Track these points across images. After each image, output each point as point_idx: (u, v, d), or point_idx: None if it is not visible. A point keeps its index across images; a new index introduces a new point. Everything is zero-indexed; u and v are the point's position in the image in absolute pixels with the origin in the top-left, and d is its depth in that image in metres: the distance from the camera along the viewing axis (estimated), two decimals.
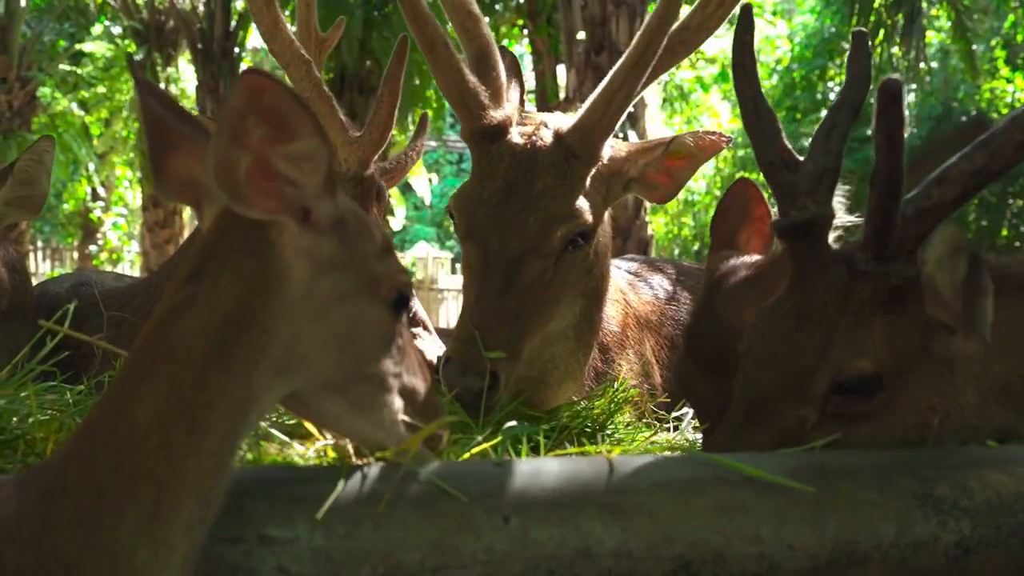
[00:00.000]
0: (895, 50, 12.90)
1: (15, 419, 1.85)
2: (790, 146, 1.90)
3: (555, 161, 2.28)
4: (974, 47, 13.93)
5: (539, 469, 1.48)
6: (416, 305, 2.94)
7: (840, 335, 1.70)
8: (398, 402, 1.46)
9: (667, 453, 1.56)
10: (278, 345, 1.30)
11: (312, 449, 1.65)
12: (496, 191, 2.25)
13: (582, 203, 2.30)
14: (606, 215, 2.52)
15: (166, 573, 1.21)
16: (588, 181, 2.35)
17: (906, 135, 1.71)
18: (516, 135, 2.32)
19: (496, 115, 2.30)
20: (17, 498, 1.19)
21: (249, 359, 1.28)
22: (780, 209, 1.85)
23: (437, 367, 2.22)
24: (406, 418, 1.47)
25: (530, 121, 2.39)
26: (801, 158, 1.88)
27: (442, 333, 3.04)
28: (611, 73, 2.33)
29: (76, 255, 21.59)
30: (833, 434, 1.66)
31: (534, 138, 2.31)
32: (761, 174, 1.92)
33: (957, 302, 1.63)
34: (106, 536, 1.18)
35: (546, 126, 2.37)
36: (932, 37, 16.87)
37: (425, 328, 2.90)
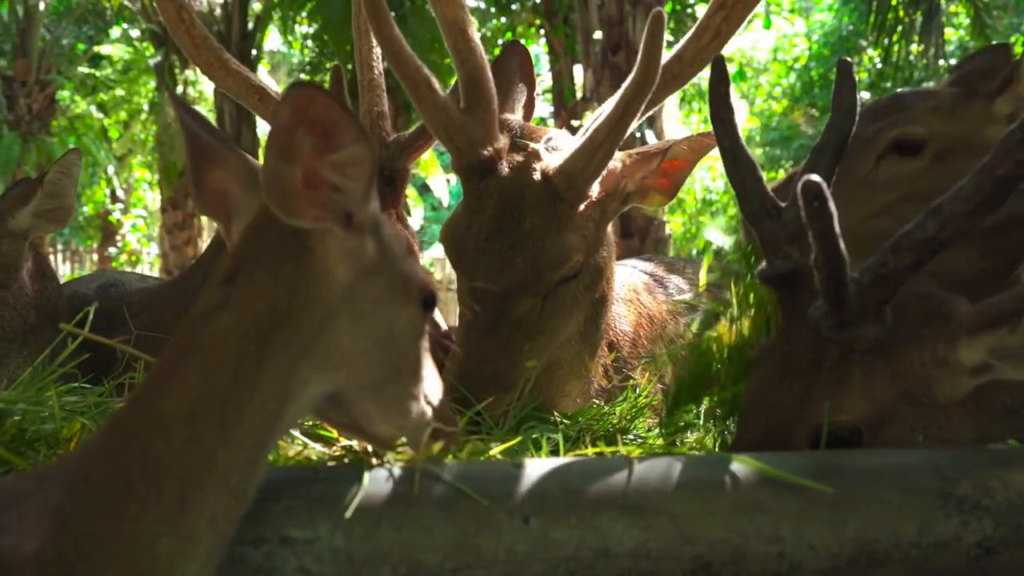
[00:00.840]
0: (913, 48, 12.83)
1: (38, 420, 1.86)
2: (771, 195, 1.89)
3: (542, 201, 2.27)
4: (993, 43, 13.86)
5: (559, 470, 1.48)
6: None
7: (817, 391, 1.71)
8: (425, 404, 1.48)
9: (687, 453, 1.55)
10: (319, 344, 1.32)
11: (332, 450, 1.66)
12: (484, 227, 2.25)
13: (572, 241, 2.30)
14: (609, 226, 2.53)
15: (190, 565, 1.22)
16: (578, 214, 2.34)
17: None
18: (505, 169, 2.30)
19: (484, 151, 2.28)
20: (39, 491, 1.20)
21: (287, 357, 1.29)
22: (766, 258, 1.86)
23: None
24: (436, 423, 1.50)
25: (522, 148, 2.38)
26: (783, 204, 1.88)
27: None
28: (594, 127, 2.33)
29: (96, 257, 21.72)
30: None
31: (522, 174, 2.30)
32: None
33: None
34: (128, 526, 1.18)
35: (538, 158, 2.35)
36: (951, 34, 16.79)
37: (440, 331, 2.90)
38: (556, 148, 2.40)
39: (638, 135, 10.30)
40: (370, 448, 1.57)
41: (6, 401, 1.85)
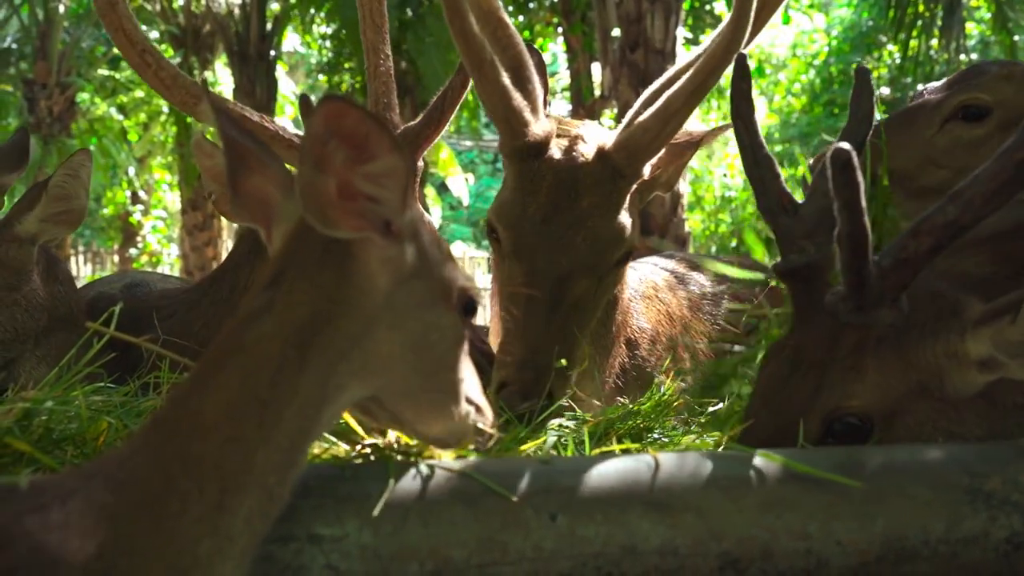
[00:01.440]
0: (933, 43, 12.76)
1: (64, 420, 1.87)
2: (789, 191, 1.91)
3: (600, 179, 2.26)
4: (1015, 38, 13.73)
5: (586, 466, 1.48)
6: None
7: (829, 379, 1.73)
8: (465, 406, 1.49)
9: (713, 450, 1.55)
10: (358, 350, 1.34)
11: (358, 448, 1.66)
12: (540, 208, 2.23)
13: (626, 220, 2.30)
14: None
15: (227, 563, 1.23)
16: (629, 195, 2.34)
17: None
18: (556, 151, 2.29)
19: (538, 131, 2.27)
20: (82, 490, 1.21)
21: (327, 362, 1.31)
22: (781, 253, 1.87)
23: (496, 389, 2.19)
24: (478, 422, 1.52)
25: (565, 133, 2.38)
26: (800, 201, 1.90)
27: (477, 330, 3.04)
28: (669, 95, 2.31)
29: (116, 258, 21.84)
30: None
31: (575, 154, 2.29)
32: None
33: None
34: (170, 524, 1.19)
35: (584, 140, 2.35)
36: (972, 29, 16.67)
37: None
38: (595, 135, 2.40)
39: None
40: (396, 445, 1.58)
41: (33, 401, 1.86)
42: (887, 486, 1.49)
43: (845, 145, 1.55)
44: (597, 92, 11.19)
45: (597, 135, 2.39)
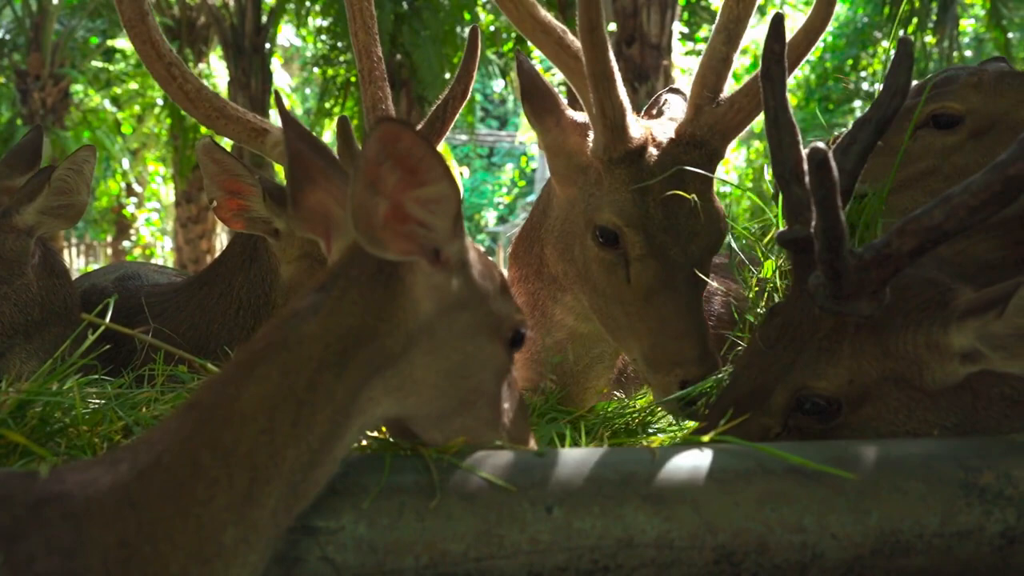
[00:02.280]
0: (928, 39, 12.77)
1: (58, 412, 1.87)
2: (805, 160, 1.90)
3: (699, 164, 2.26)
4: (1009, 35, 13.74)
5: (582, 460, 1.48)
6: None
7: (805, 357, 1.76)
8: (501, 436, 1.52)
9: (710, 444, 1.55)
10: (394, 369, 1.36)
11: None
12: (659, 205, 2.22)
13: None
14: None
15: (251, 556, 1.24)
16: None
17: None
18: (654, 148, 2.28)
19: (637, 133, 2.25)
20: (109, 475, 1.22)
21: (363, 373, 1.33)
22: (787, 222, 1.88)
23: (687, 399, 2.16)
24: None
25: (645, 122, 2.37)
26: None
27: None
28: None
29: (110, 251, 21.81)
30: None
31: (672, 145, 2.29)
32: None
33: None
34: (197, 511, 1.20)
35: (667, 127, 2.34)
36: (966, 25, 16.69)
37: None
38: (669, 121, 2.40)
39: None
40: (392, 438, 1.58)
41: (28, 392, 1.86)
42: (882, 480, 1.49)
43: (820, 145, 1.56)
44: None
45: (671, 121, 2.40)
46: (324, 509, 1.37)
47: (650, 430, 2.24)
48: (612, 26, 10.47)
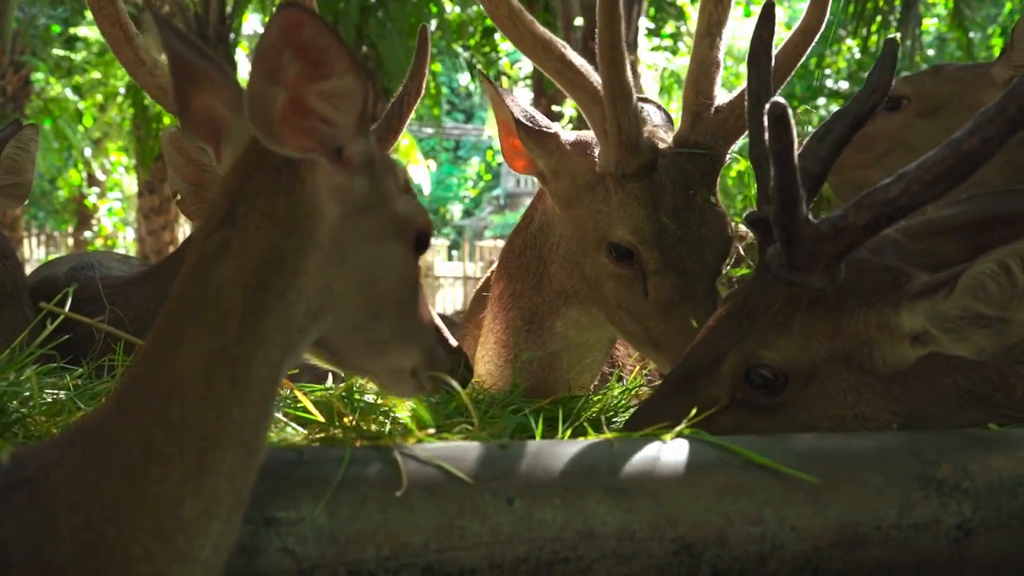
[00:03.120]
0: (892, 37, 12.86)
1: (15, 402, 1.85)
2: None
3: (705, 170, 2.27)
4: (971, 35, 13.90)
5: (543, 451, 1.49)
6: None
7: (758, 327, 1.78)
8: (413, 347, 1.46)
9: (670, 436, 1.56)
10: (312, 287, 1.29)
11: (316, 432, 1.65)
12: (671, 218, 2.20)
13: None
14: None
15: (213, 523, 1.22)
16: None
17: None
18: (661, 159, 2.26)
19: (647, 148, 2.22)
20: (65, 459, 1.20)
21: (285, 304, 1.27)
22: (758, 203, 1.90)
23: None
24: (419, 364, 1.47)
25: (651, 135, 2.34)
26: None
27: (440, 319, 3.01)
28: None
29: (71, 241, 21.55)
30: (740, 419, 1.77)
31: (677, 156, 2.27)
32: None
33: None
34: (154, 489, 1.19)
35: (666, 136, 2.34)
36: (929, 24, 16.86)
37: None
38: (665, 128, 2.41)
39: None
40: (354, 427, 1.58)
41: None
42: (841, 473, 1.51)
43: (780, 100, 1.58)
44: None
45: (667, 130, 2.40)
46: (284, 499, 1.36)
47: (614, 423, 2.25)
48: (579, 20, 10.49)
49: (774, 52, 2.12)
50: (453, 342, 1.62)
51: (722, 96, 2.37)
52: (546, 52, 2.24)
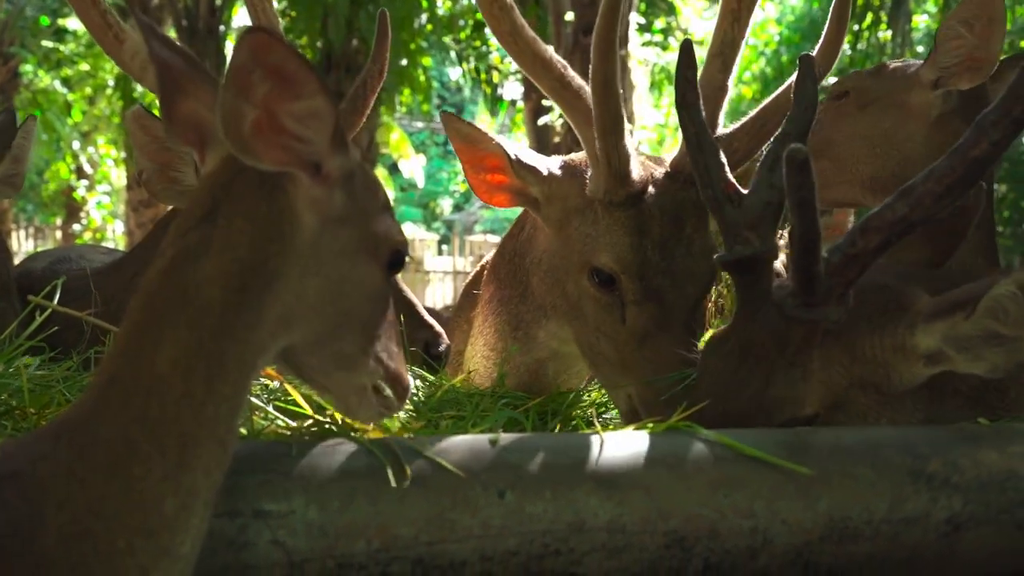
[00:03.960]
0: (882, 35, 12.91)
1: (5, 394, 1.84)
2: (734, 180, 1.91)
3: (696, 202, 2.18)
4: None
5: (534, 444, 1.49)
6: (403, 286, 2.92)
7: (777, 379, 1.74)
8: (374, 365, 1.45)
9: (661, 429, 1.56)
10: (288, 294, 1.31)
11: (306, 425, 1.65)
12: (657, 249, 2.18)
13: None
14: None
15: (193, 519, 1.23)
16: None
17: None
18: (652, 187, 2.23)
19: (638, 176, 2.19)
20: (51, 454, 1.20)
21: (261, 307, 1.28)
22: (725, 243, 1.87)
23: None
24: (381, 383, 1.46)
25: (651, 166, 2.31)
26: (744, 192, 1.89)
27: (429, 313, 3.01)
28: (759, 110, 2.32)
29: (59, 234, 21.48)
30: None
31: (669, 185, 2.24)
32: None
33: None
34: (137, 486, 1.19)
35: (661, 166, 2.30)
36: (919, 21, 16.89)
37: (412, 308, 2.86)
38: (658, 158, 2.36)
39: None
40: (341, 422, 1.57)
41: None
42: (832, 467, 1.51)
43: (800, 146, 1.56)
44: None
45: (660, 161, 2.36)
46: (274, 492, 1.36)
47: (604, 417, 2.25)
48: (570, 15, 10.49)
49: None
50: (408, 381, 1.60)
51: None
52: (545, 71, 2.22)
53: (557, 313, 2.32)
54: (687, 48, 1.99)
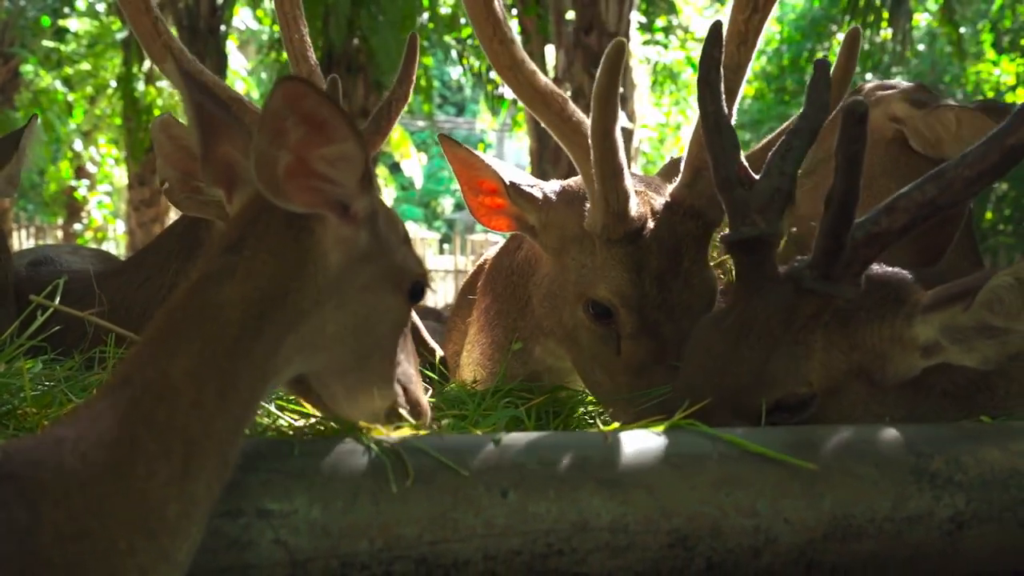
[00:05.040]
0: (883, 33, 12.89)
1: (6, 394, 1.84)
2: (746, 164, 1.91)
3: (696, 235, 2.20)
4: (961, 30, 13.92)
5: (537, 444, 1.49)
6: None
7: (779, 353, 1.74)
8: (395, 391, 1.53)
9: (664, 428, 1.56)
10: (307, 325, 1.37)
11: (308, 424, 1.65)
12: (654, 283, 2.15)
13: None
14: None
15: (192, 528, 1.24)
16: None
17: None
18: (651, 221, 2.20)
19: (637, 212, 2.16)
20: (53, 456, 1.21)
21: (279, 334, 1.34)
22: (731, 224, 1.88)
23: None
24: (402, 409, 1.54)
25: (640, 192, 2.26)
26: (756, 177, 1.90)
27: (430, 313, 3.01)
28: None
29: (60, 234, 21.48)
30: None
31: (668, 219, 2.21)
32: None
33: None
34: (139, 487, 1.20)
35: (658, 198, 2.26)
36: (919, 20, 16.88)
37: (417, 331, 2.83)
38: (658, 187, 2.33)
39: None
40: (346, 422, 1.57)
41: None
42: (835, 465, 1.51)
43: (861, 99, 1.56)
44: (551, 75, 11.17)
45: (660, 187, 2.33)
46: (278, 491, 1.35)
47: (606, 416, 2.24)
48: (571, 14, 10.48)
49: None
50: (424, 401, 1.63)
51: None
52: (545, 106, 2.19)
53: (555, 337, 2.31)
54: (715, 29, 2.00)
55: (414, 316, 2.88)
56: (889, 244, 1.68)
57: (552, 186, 2.30)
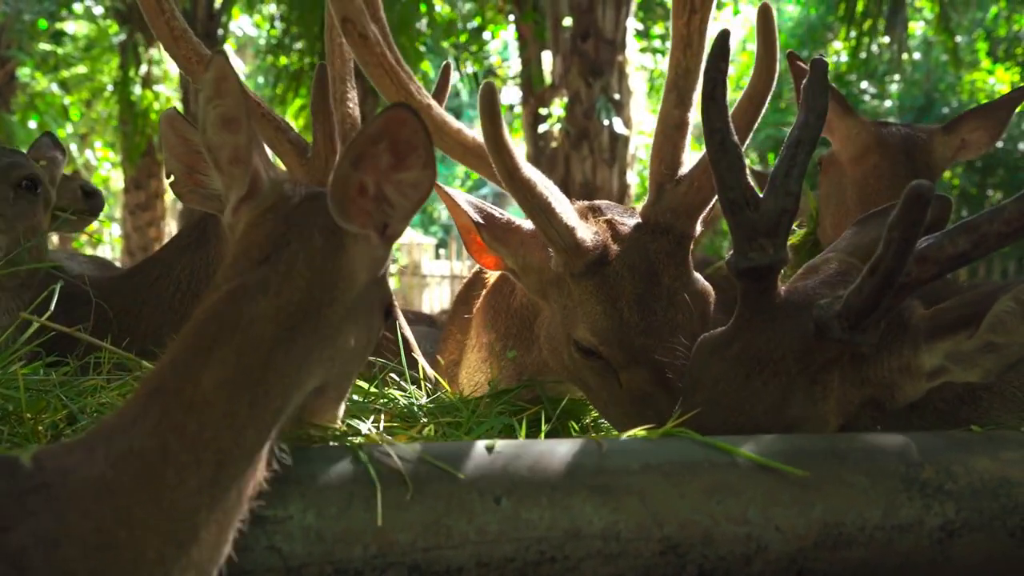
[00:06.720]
0: (879, 41, 12.92)
1: (3, 399, 1.84)
2: (752, 184, 1.84)
3: (670, 251, 2.15)
4: (957, 39, 13.95)
5: (531, 451, 1.49)
6: (404, 324, 2.90)
7: (797, 394, 1.73)
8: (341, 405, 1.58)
9: (656, 435, 1.57)
10: (331, 340, 1.40)
11: (302, 431, 1.65)
12: (633, 309, 2.09)
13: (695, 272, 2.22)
14: None
15: (222, 538, 1.25)
16: None
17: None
18: (616, 246, 2.15)
19: (593, 241, 2.11)
20: (83, 465, 1.21)
21: (309, 347, 1.36)
22: (737, 247, 1.82)
23: None
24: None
25: (600, 219, 2.22)
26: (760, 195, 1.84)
27: (422, 318, 3.01)
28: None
29: (56, 238, 21.45)
30: None
31: (636, 239, 2.16)
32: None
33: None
34: (169, 495, 1.21)
35: (625, 219, 2.22)
36: (915, 29, 16.92)
37: (409, 348, 2.81)
38: (624, 210, 2.29)
39: (605, 123, 10.32)
40: (341, 429, 1.58)
41: None
42: (825, 473, 1.52)
43: (925, 182, 1.51)
44: (548, 81, 11.17)
45: (626, 209, 2.29)
46: (272, 497, 1.36)
47: (600, 424, 2.25)
48: (567, 20, 10.49)
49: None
50: None
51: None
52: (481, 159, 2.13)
53: (564, 376, 2.26)
54: (722, 39, 1.90)
55: (403, 324, 2.88)
56: (913, 292, 1.68)
57: (528, 226, 2.20)
